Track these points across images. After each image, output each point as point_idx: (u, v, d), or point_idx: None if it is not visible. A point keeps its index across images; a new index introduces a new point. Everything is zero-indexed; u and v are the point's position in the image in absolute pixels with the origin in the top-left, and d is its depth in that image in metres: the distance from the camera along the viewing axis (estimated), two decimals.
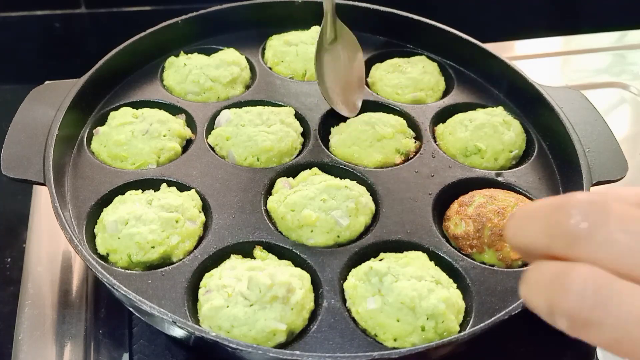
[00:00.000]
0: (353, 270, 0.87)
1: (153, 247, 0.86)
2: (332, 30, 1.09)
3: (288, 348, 0.78)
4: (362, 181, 0.98)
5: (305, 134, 1.07)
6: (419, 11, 1.24)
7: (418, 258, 0.87)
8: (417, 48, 1.26)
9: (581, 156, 0.98)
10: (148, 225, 0.87)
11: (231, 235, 0.89)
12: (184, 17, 1.19)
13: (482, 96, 1.17)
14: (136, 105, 1.08)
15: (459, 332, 0.80)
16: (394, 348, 0.78)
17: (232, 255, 0.88)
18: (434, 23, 1.22)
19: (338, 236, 0.90)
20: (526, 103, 1.12)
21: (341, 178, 0.97)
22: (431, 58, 1.23)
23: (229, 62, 1.15)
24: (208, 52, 1.19)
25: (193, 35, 1.21)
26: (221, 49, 1.20)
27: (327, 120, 1.09)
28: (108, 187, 0.94)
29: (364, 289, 0.83)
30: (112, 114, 1.05)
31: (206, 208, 0.94)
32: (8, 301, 1.00)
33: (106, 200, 0.93)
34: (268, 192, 0.96)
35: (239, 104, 1.10)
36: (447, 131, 1.08)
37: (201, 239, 0.90)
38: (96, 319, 0.92)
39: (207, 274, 0.85)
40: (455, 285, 0.86)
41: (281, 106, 1.10)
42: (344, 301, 0.84)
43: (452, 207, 0.96)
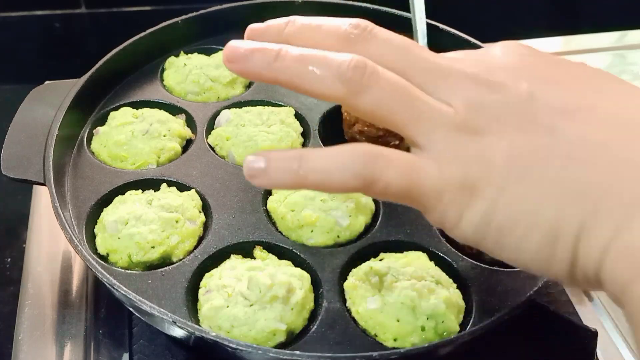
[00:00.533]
0: (353, 270, 0.87)
1: (153, 247, 0.86)
2: None
3: (288, 348, 0.78)
4: None
5: (305, 134, 1.07)
6: None
7: (418, 258, 0.87)
8: None
9: None
10: (148, 225, 0.87)
11: (231, 235, 0.89)
12: (184, 17, 1.19)
13: None
14: (136, 105, 1.08)
15: (459, 332, 0.81)
16: (394, 348, 0.78)
17: (232, 255, 0.88)
18: (434, 23, 1.22)
19: (338, 236, 0.90)
20: None
21: None
22: None
23: None
24: (208, 52, 1.19)
25: (193, 35, 1.21)
26: (221, 49, 1.19)
27: (327, 120, 1.08)
28: (108, 187, 0.94)
29: (364, 289, 0.83)
30: (112, 114, 1.05)
31: (206, 208, 0.94)
32: (8, 301, 1.00)
33: (106, 200, 0.93)
34: (268, 192, 0.96)
35: (239, 104, 1.10)
36: None
37: (201, 239, 0.90)
38: (96, 319, 0.92)
39: (207, 274, 0.85)
40: (455, 285, 0.86)
41: (281, 106, 1.10)
42: (344, 301, 0.84)
43: None
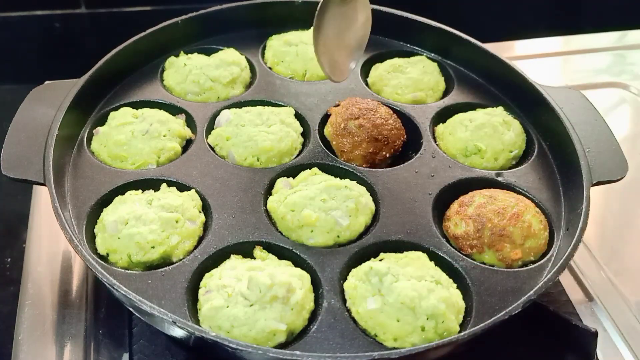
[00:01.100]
0: (353, 270, 0.87)
1: (153, 247, 0.86)
2: None
3: (288, 348, 0.78)
4: (362, 181, 0.98)
5: (305, 134, 1.07)
6: (419, 11, 1.24)
7: (418, 258, 0.87)
8: (417, 48, 1.26)
9: (581, 156, 0.98)
10: (148, 225, 0.87)
11: (231, 235, 0.89)
12: (184, 17, 1.19)
13: (482, 96, 1.17)
14: (136, 105, 1.08)
15: (459, 332, 0.81)
16: (394, 348, 0.78)
17: (232, 255, 0.88)
18: (434, 23, 1.23)
19: (338, 236, 0.90)
20: (526, 103, 1.12)
21: (341, 178, 0.97)
22: (431, 58, 1.23)
23: (229, 62, 1.15)
24: (208, 52, 1.19)
25: (193, 35, 1.21)
26: (221, 49, 1.20)
27: (327, 120, 1.08)
28: (108, 187, 0.94)
29: (364, 289, 0.83)
30: (112, 114, 1.05)
31: (206, 208, 0.94)
32: (8, 301, 1.00)
33: (106, 200, 0.93)
34: (268, 192, 0.96)
35: (239, 104, 1.10)
36: (447, 131, 1.08)
37: (201, 239, 0.90)
38: (96, 319, 0.92)
39: (207, 274, 0.85)
40: (455, 285, 0.86)
41: (281, 106, 1.10)
42: (344, 301, 0.84)
43: (452, 207, 0.96)
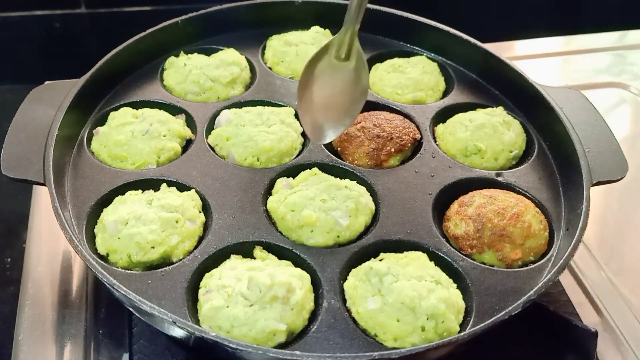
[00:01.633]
0: (353, 270, 0.87)
1: (153, 247, 0.86)
2: (347, 48, 0.93)
3: (288, 348, 0.78)
4: (362, 181, 0.98)
5: (305, 134, 1.07)
6: (419, 11, 1.24)
7: (418, 258, 0.87)
8: (417, 48, 1.26)
9: (581, 156, 0.98)
10: (148, 225, 0.87)
11: (231, 235, 0.89)
12: (184, 17, 1.19)
13: (482, 96, 1.17)
14: (136, 105, 1.08)
15: (459, 332, 0.81)
16: (394, 348, 0.78)
17: (232, 255, 0.88)
18: (434, 23, 1.22)
19: (338, 236, 0.90)
20: (526, 103, 1.12)
21: (341, 178, 0.97)
22: (431, 58, 1.23)
23: (229, 62, 1.15)
24: (208, 52, 1.19)
25: (193, 35, 1.21)
26: (221, 49, 1.20)
27: None
28: (108, 187, 0.94)
29: (364, 289, 0.83)
30: (112, 114, 1.05)
31: (206, 208, 0.94)
32: (8, 301, 1.00)
33: (106, 200, 0.93)
34: (268, 192, 0.96)
35: (239, 104, 1.10)
36: (447, 131, 1.08)
37: (201, 239, 0.90)
38: (96, 319, 0.92)
39: (207, 274, 0.85)
40: (455, 285, 0.86)
41: (281, 106, 1.10)
42: (344, 301, 0.84)
43: (452, 208, 0.96)
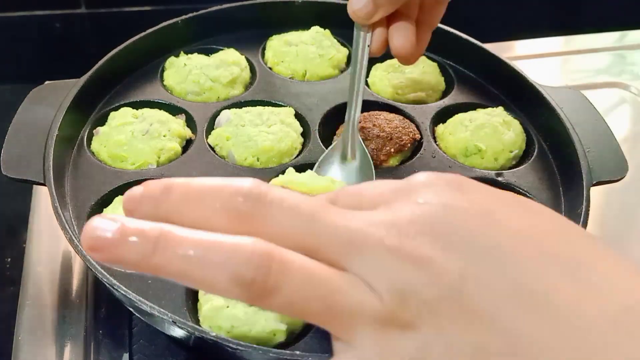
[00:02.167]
0: None
1: None
2: (352, 148, 0.96)
3: (289, 348, 0.78)
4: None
5: (305, 134, 1.07)
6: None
7: None
8: None
9: (581, 156, 0.98)
10: None
11: None
12: (184, 17, 1.19)
13: (482, 96, 1.17)
14: (136, 105, 1.08)
15: None
16: None
17: None
18: None
19: None
20: (526, 103, 1.12)
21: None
22: (431, 58, 1.23)
23: (229, 62, 1.15)
24: (208, 52, 1.19)
25: (193, 35, 1.21)
26: (221, 49, 1.20)
27: (328, 120, 1.08)
28: (108, 187, 0.94)
29: None
30: (112, 114, 1.05)
31: None
32: (8, 301, 0.99)
33: (106, 200, 0.93)
34: None
35: (239, 104, 1.10)
36: (447, 131, 1.08)
37: None
38: (96, 319, 0.92)
39: None
40: None
41: (281, 106, 1.10)
42: None
43: None
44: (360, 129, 1.03)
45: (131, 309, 0.83)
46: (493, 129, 1.06)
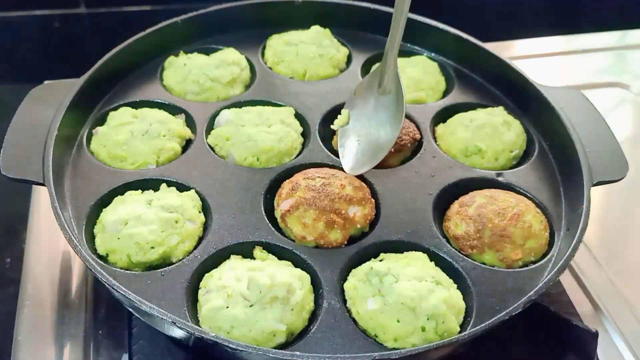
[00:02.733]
0: (353, 270, 0.87)
1: (153, 248, 0.86)
2: (389, 80, 0.96)
3: (288, 349, 0.78)
4: (363, 181, 0.98)
5: (305, 134, 1.07)
6: (419, 11, 1.24)
7: (418, 258, 0.87)
8: (417, 48, 1.25)
9: (582, 156, 0.98)
10: (148, 225, 0.87)
11: (231, 235, 0.89)
12: (184, 17, 1.19)
13: (483, 96, 1.17)
14: (136, 105, 1.07)
15: (460, 333, 0.80)
16: (395, 348, 0.78)
17: (232, 255, 0.87)
18: (434, 23, 1.22)
19: None
20: (526, 103, 1.12)
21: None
22: (431, 58, 1.23)
23: (229, 62, 1.15)
24: (208, 52, 1.19)
25: (193, 35, 1.21)
26: (221, 49, 1.20)
27: (327, 120, 1.08)
28: (107, 188, 0.94)
29: (364, 290, 0.83)
30: (112, 114, 1.05)
31: (206, 208, 0.93)
32: (8, 301, 0.99)
33: (106, 200, 0.93)
34: (268, 192, 0.96)
35: (239, 104, 1.10)
36: (448, 131, 1.08)
37: (201, 240, 0.90)
38: (96, 320, 0.92)
39: (207, 275, 0.85)
40: (455, 285, 0.86)
41: (281, 106, 1.10)
42: (344, 302, 0.84)
43: (453, 208, 0.96)
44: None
45: (131, 310, 0.83)
46: (493, 129, 1.05)
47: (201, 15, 1.20)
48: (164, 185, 0.95)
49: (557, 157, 1.04)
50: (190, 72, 1.13)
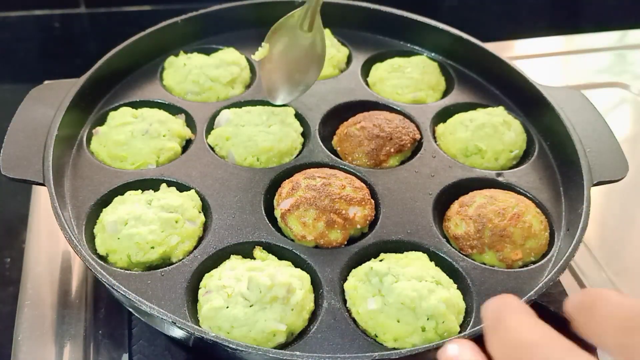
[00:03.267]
0: (353, 270, 0.87)
1: (152, 248, 0.86)
2: (309, 22, 1.03)
3: (288, 349, 0.78)
4: (363, 181, 0.98)
5: (305, 134, 1.07)
6: (420, 11, 1.24)
7: (418, 258, 0.87)
8: (418, 48, 1.26)
9: (582, 156, 0.98)
10: (147, 225, 0.87)
11: (231, 235, 0.89)
12: (184, 17, 1.19)
13: (483, 96, 1.17)
14: (136, 105, 1.07)
15: (460, 333, 0.80)
16: (395, 349, 0.78)
17: (232, 255, 0.87)
18: (434, 23, 1.22)
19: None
20: (526, 103, 1.12)
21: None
22: (431, 58, 1.23)
23: (229, 62, 1.15)
24: (208, 52, 1.19)
25: (193, 35, 1.21)
26: (221, 49, 1.20)
27: (327, 120, 1.08)
28: (107, 187, 0.94)
29: (364, 290, 0.83)
30: (112, 114, 1.05)
31: (206, 208, 0.93)
32: (8, 301, 0.99)
33: (105, 200, 0.93)
34: (268, 192, 0.96)
35: (239, 104, 1.10)
36: (448, 131, 1.08)
37: (201, 239, 0.90)
38: (96, 320, 0.92)
39: (207, 275, 0.85)
40: (455, 285, 0.86)
41: (281, 106, 1.10)
42: (344, 302, 0.84)
43: (453, 208, 0.96)
44: (360, 129, 1.03)
45: (131, 310, 0.83)
46: (493, 129, 1.05)
47: (201, 15, 1.20)
48: (164, 185, 0.95)
49: (557, 157, 1.04)
50: (190, 72, 1.13)
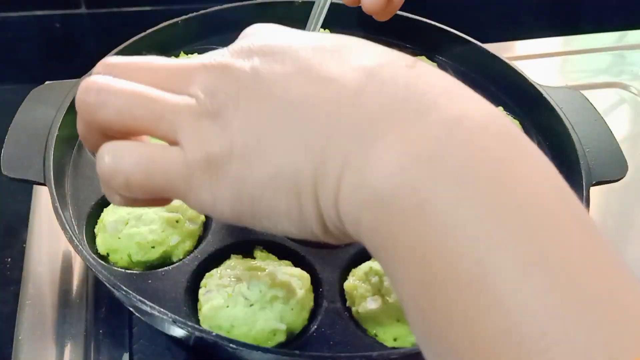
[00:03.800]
0: (353, 270, 0.87)
1: (153, 247, 0.86)
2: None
3: (288, 348, 0.78)
4: None
5: None
6: (419, 11, 1.24)
7: None
8: (417, 48, 1.26)
9: (581, 156, 0.98)
10: (148, 225, 0.87)
11: (231, 235, 0.89)
12: (184, 17, 1.19)
13: (482, 96, 1.16)
14: None
15: None
16: (394, 348, 0.78)
17: (232, 255, 0.88)
18: (434, 23, 1.22)
19: None
20: (526, 103, 1.12)
21: None
22: (430, 58, 1.23)
23: None
24: None
25: (193, 35, 1.21)
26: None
27: None
28: None
29: (364, 289, 0.83)
30: None
31: None
32: (8, 301, 1.00)
33: (106, 200, 0.92)
34: None
35: None
36: None
37: (201, 239, 0.90)
38: (96, 319, 0.92)
39: (207, 274, 0.85)
40: None
41: None
42: (344, 301, 0.84)
43: None
44: None
45: (131, 309, 0.83)
46: None
47: (201, 15, 1.20)
48: None
49: (557, 157, 1.04)
50: None
